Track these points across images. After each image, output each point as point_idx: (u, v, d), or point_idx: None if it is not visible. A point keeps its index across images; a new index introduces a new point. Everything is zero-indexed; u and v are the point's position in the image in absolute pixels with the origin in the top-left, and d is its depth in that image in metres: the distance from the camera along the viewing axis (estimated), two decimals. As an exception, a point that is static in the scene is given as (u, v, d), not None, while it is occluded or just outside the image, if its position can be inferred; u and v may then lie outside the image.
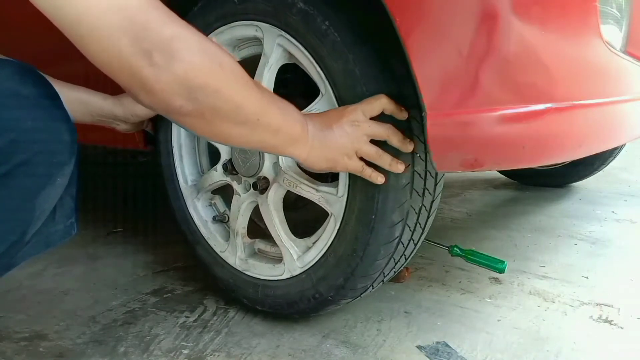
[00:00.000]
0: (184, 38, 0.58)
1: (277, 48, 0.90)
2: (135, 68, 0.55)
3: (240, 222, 1.05)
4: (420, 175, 0.84)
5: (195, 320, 1.08)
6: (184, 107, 0.60)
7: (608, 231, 1.58)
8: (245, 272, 1.05)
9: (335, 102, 0.83)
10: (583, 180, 2.09)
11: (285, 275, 0.99)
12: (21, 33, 1.31)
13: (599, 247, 1.45)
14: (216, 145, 1.07)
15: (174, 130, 1.14)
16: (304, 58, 0.85)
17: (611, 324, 1.02)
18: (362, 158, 0.79)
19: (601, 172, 1.98)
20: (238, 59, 1.01)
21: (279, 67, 0.92)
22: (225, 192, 1.12)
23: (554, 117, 0.70)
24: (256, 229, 1.10)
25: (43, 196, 0.60)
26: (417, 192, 0.85)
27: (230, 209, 1.08)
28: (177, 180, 1.15)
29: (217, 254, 1.10)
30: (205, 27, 0.98)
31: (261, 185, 0.98)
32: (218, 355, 0.94)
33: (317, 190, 0.91)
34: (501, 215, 1.79)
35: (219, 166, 1.06)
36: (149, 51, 0.55)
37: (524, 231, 1.60)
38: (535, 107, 0.68)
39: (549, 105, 0.69)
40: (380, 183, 0.81)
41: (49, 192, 0.61)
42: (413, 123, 0.80)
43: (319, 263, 0.93)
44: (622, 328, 1.01)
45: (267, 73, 0.92)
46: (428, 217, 0.92)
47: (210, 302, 1.16)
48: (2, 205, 0.57)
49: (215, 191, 1.14)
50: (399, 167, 0.79)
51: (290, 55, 0.89)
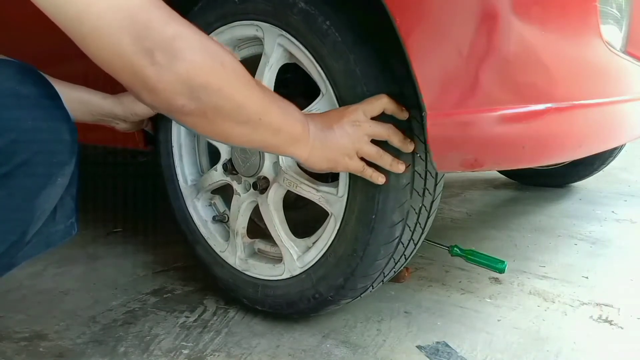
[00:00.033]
0: (186, 37, 0.57)
1: (278, 48, 0.90)
2: (137, 67, 0.55)
3: (240, 222, 1.05)
4: (420, 175, 0.84)
5: (195, 320, 1.08)
6: (186, 106, 0.60)
7: (608, 231, 1.58)
8: (245, 272, 1.05)
9: (336, 102, 0.84)
10: (583, 180, 2.09)
11: (285, 275, 0.99)
12: (21, 33, 1.31)
13: (599, 247, 1.45)
14: (216, 145, 1.07)
15: (173, 130, 1.14)
16: (305, 58, 0.86)
17: (611, 324, 1.02)
18: (362, 158, 0.80)
19: (601, 172, 1.98)
20: (239, 59, 1.01)
21: (279, 66, 0.92)
22: (225, 192, 1.12)
23: (554, 117, 0.70)
24: (256, 228, 1.10)
25: (43, 196, 0.60)
26: (418, 192, 0.85)
27: (230, 209, 1.08)
28: (177, 180, 1.15)
29: (216, 253, 1.10)
30: (206, 27, 0.98)
31: (261, 185, 0.98)
32: (218, 355, 0.94)
33: (317, 190, 0.91)
34: (501, 215, 1.79)
35: (219, 166, 1.06)
36: (150, 50, 0.54)
37: (524, 231, 1.60)
38: (535, 107, 0.68)
39: (549, 105, 0.69)
40: (381, 183, 0.81)
41: (50, 192, 0.61)
42: (413, 123, 0.80)
43: (319, 263, 0.93)
44: (622, 328, 1.01)
45: (268, 73, 0.92)
46: (428, 217, 0.92)
47: (210, 302, 1.16)
48: (3, 205, 0.57)
49: (215, 191, 1.14)
50: (399, 167, 0.79)
51: (291, 55, 0.89)
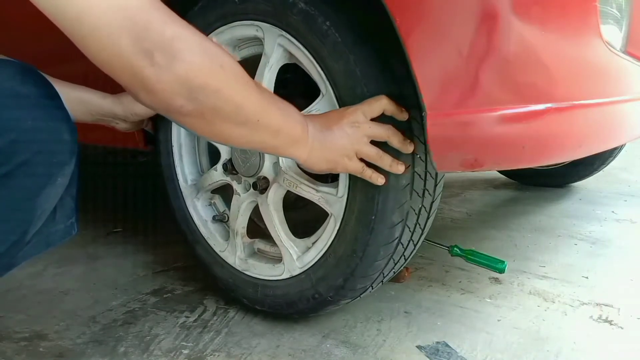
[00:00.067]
0: (185, 38, 0.58)
1: (278, 48, 0.90)
2: (137, 68, 0.55)
3: (240, 222, 1.05)
4: (420, 176, 0.84)
5: (195, 320, 1.08)
6: (185, 107, 0.60)
7: (608, 231, 1.58)
8: (245, 272, 1.05)
9: (336, 102, 0.83)
10: (583, 180, 2.09)
11: (284, 276, 0.99)
12: (21, 33, 1.31)
13: (599, 247, 1.45)
14: (216, 145, 1.07)
15: (174, 129, 1.14)
16: (305, 58, 0.85)
17: (611, 324, 1.02)
18: (362, 159, 0.80)
19: (601, 172, 1.98)
20: (238, 59, 1.01)
21: (279, 67, 0.92)
22: (225, 192, 1.12)
23: (554, 117, 0.70)
24: (256, 228, 1.10)
25: (43, 196, 0.60)
26: (417, 193, 0.85)
27: (230, 209, 1.08)
28: (177, 179, 1.15)
29: (216, 253, 1.10)
30: (206, 27, 0.98)
31: (261, 185, 0.98)
32: (218, 355, 0.94)
33: (317, 190, 0.91)
34: (501, 215, 1.79)
35: (219, 166, 1.06)
36: (150, 51, 0.55)
37: (524, 231, 1.60)
38: (535, 107, 0.68)
39: (549, 105, 0.69)
40: (380, 184, 0.81)
41: (50, 192, 0.61)
42: (413, 124, 0.80)
43: (319, 263, 0.93)
44: (622, 328, 1.01)
45: (268, 73, 0.92)
46: (428, 218, 0.92)
47: (210, 302, 1.16)
48: (3, 205, 0.57)
49: (215, 191, 1.14)
50: (399, 168, 0.79)
51: (291, 55, 0.89)
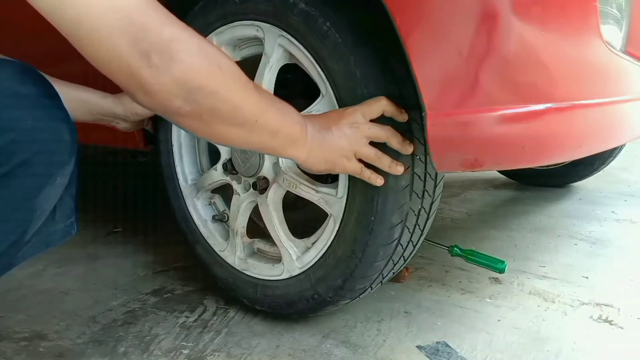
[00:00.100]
0: (183, 40, 0.58)
1: (278, 48, 0.90)
2: (134, 69, 0.55)
3: (240, 222, 1.05)
4: (419, 177, 0.84)
5: (195, 320, 1.08)
6: (182, 108, 0.60)
7: (608, 231, 1.58)
8: (245, 272, 1.05)
9: (336, 103, 0.83)
10: (583, 180, 2.09)
11: (284, 276, 0.99)
12: (21, 33, 1.31)
13: (599, 247, 1.45)
14: (216, 144, 1.07)
15: (174, 129, 1.14)
16: (305, 59, 0.85)
17: (611, 324, 1.02)
18: (361, 160, 0.79)
19: (601, 172, 1.98)
20: (239, 59, 1.01)
21: (279, 67, 0.92)
22: (225, 192, 1.12)
23: (554, 117, 0.70)
24: (255, 228, 1.10)
25: (43, 196, 0.60)
26: (417, 194, 0.85)
27: (229, 209, 1.08)
28: (177, 179, 1.15)
29: (216, 253, 1.10)
30: (206, 27, 0.98)
31: (261, 185, 0.98)
32: (218, 355, 0.94)
33: (316, 191, 0.91)
34: (501, 215, 1.79)
35: (219, 165, 1.06)
36: (147, 52, 0.55)
37: (524, 231, 1.60)
38: (535, 107, 0.68)
39: (549, 105, 0.69)
40: (379, 185, 0.80)
41: (49, 191, 0.61)
42: (413, 125, 0.80)
43: (318, 264, 0.93)
44: (622, 328, 1.01)
45: (268, 73, 0.92)
46: (427, 219, 0.92)
47: (210, 302, 1.16)
48: (2, 205, 0.57)
49: (215, 190, 1.14)
50: (398, 169, 0.79)
51: (291, 55, 0.89)
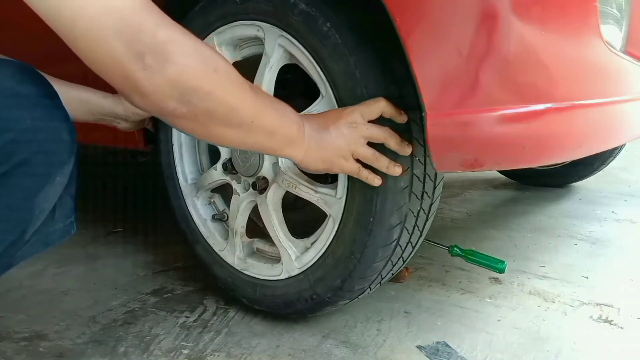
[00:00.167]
0: (178, 41, 0.57)
1: (278, 48, 0.90)
2: (129, 70, 0.55)
3: (239, 222, 1.05)
4: (419, 179, 0.84)
5: (195, 320, 1.08)
6: (178, 109, 0.60)
7: (608, 231, 1.58)
8: (244, 272, 1.05)
9: (336, 103, 0.83)
10: (583, 180, 2.09)
11: (283, 276, 0.99)
12: (21, 33, 1.31)
13: (599, 247, 1.45)
14: (215, 145, 1.07)
15: (174, 128, 1.14)
16: (305, 59, 0.85)
17: (611, 324, 1.02)
18: (359, 160, 0.79)
19: (601, 172, 1.98)
20: (239, 59, 1.01)
21: (280, 67, 0.92)
22: (225, 191, 1.12)
23: (554, 117, 0.70)
24: (255, 228, 1.10)
25: (42, 195, 0.60)
26: (416, 195, 0.85)
27: (229, 208, 1.08)
28: (177, 178, 1.15)
29: (216, 252, 1.10)
30: (206, 27, 0.98)
31: (260, 185, 0.98)
32: (218, 355, 0.94)
33: (315, 191, 0.91)
34: (501, 215, 1.79)
35: (219, 165, 1.06)
36: (142, 53, 0.54)
37: (524, 231, 1.59)
38: (535, 107, 0.68)
39: (549, 105, 0.69)
40: (376, 185, 0.80)
41: (49, 191, 0.61)
42: (412, 126, 0.80)
43: (317, 264, 0.93)
44: (622, 328, 1.01)
45: (268, 73, 0.92)
46: (426, 220, 0.92)
47: (210, 302, 1.16)
48: (2, 204, 0.57)
49: (214, 190, 1.14)
50: (396, 170, 0.79)
51: (291, 55, 0.89)
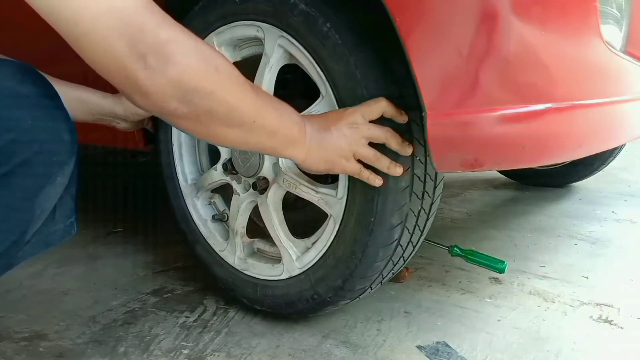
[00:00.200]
0: (180, 41, 0.58)
1: (278, 49, 0.90)
2: (130, 70, 0.55)
3: (240, 222, 1.05)
4: (419, 178, 0.84)
5: (195, 320, 1.08)
6: (179, 109, 0.60)
7: (608, 231, 1.58)
8: (244, 272, 1.05)
9: (336, 104, 0.83)
10: (583, 180, 2.09)
11: (284, 276, 0.99)
12: (21, 33, 1.31)
13: (599, 247, 1.45)
14: (215, 145, 1.07)
15: (174, 128, 1.14)
16: (305, 59, 0.85)
17: (611, 324, 1.02)
18: (360, 160, 0.79)
19: (601, 172, 1.98)
20: (239, 59, 1.01)
21: (279, 67, 0.92)
22: (225, 191, 1.12)
23: (554, 117, 0.70)
24: (255, 228, 1.10)
25: (43, 196, 0.60)
26: (417, 195, 0.85)
27: (229, 208, 1.08)
28: (177, 178, 1.15)
29: (216, 253, 1.10)
30: (206, 27, 0.98)
31: (261, 186, 0.98)
32: (218, 355, 0.94)
33: (316, 191, 0.91)
34: (501, 215, 1.79)
35: (219, 165, 1.06)
36: (143, 54, 0.55)
37: (524, 231, 1.60)
38: (535, 107, 0.68)
39: (549, 105, 0.69)
40: (378, 185, 0.80)
41: (49, 191, 0.61)
42: (413, 126, 0.80)
43: (318, 264, 0.93)
44: (622, 328, 1.01)
45: (268, 73, 0.92)
46: (427, 220, 0.92)
47: (210, 302, 1.16)
48: (2, 204, 0.57)
49: (214, 190, 1.14)
50: (397, 170, 0.79)
51: (291, 56, 0.89)
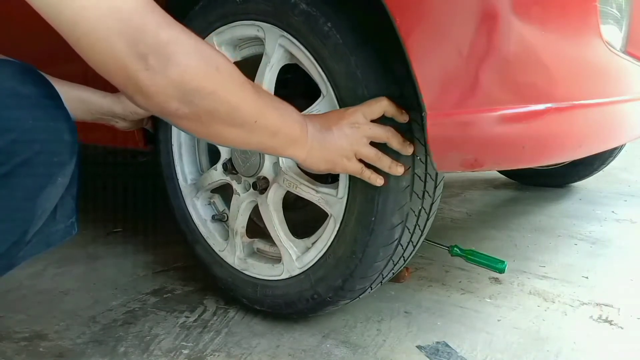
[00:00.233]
0: (181, 42, 0.58)
1: (279, 48, 0.90)
2: (131, 71, 0.55)
3: (240, 222, 1.05)
4: (420, 178, 0.84)
5: (195, 320, 1.08)
6: (180, 110, 0.60)
7: (608, 231, 1.58)
8: (244, 272, 1.05)
9: (337, 103, 0.83)
10: (583, 180, 2.09)
11: (284, 276, 0.99)
12: (21, 33, 1.31)
13: (599, 247, 1.45)
14: (216, 145, 1.07)
15: (174, 128, 1.14)
16: (306, 59, 0.85)
17: (611, 324, 1.02)
18: (361, 160, 0.79)
19: (601, 172, 1.98)
20: (239, 59, 1.01)
21: (280, 67, 0.92)
22: (225, 191, 1.12)
23: (554, 117, 0.70)
24: (255, 228, 1.10)
25: (44, 196, 0.60)
26: (417, 195, 0.85)
27: (229, 208, 1.08)
28: (177, 178, 1.15)
29: (216, 253, 1.10)
30: (206, 27, 0.98)
31: (261, 185, 0.98)
32: (218, 355, 0.94)
33: (317, 191, 0.91)
34: (501, 215, 1.79)
35: (219, 165, 1.06)
36: (144, 54, 0.55)
37: (524, 231, 1.60)
38: (535, 107, 0.68)
39: (549, 105, 0.69)
40: (379, 185, 0.81)
41: (50, 191, 0.61)
42: (413, 125, 0.80)
43: (318, 264, 0.93)
44: (622, 328, 1.01)
45: (269, 73, 0.92)
46: (427, 220, 0.92)
47: (210, 302, 1.16)
48: (3, 205, 0.57)
49: (214, 190, 1.14)
50: (398, 170, 0.79)
51: (292, 55, 0.89)
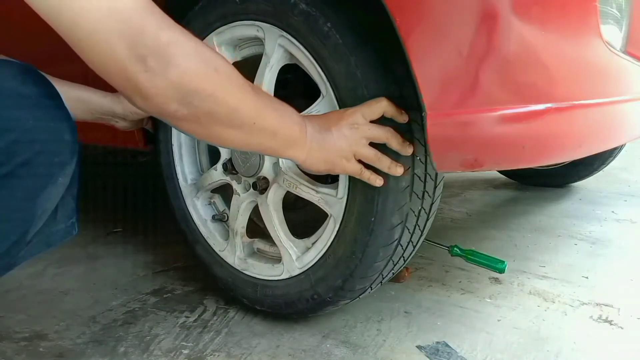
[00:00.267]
0: (180, 44, 0.58)
1: (279, 48, 0.90)
2: (131, 73, 0.55)
3: (240, 222, 1.05)
4: (420, 178, 0.84)
5: (195, 320, 1.08)
6: (179, 111, 0.60)
7: (608, 231, 1.58)
8: (244, 272, 1.05)
9: (336, 103, 0.83)
10: (583, 180, 2.09)
11: (284, 276, 0.99)
12: (21, 33, 1.31)
13: (599, 247, 1.45)
14: (216, 146, 1.07)
15: (174, 128, 1.14)
16: (305, 59, 0.85)
17: (611, 324, 1.02)
18: (361, 160, 0.80)
19: (601, 172, 1.98)
20: (239, 59, 1.01)
21: (280, 67, 0.92)
22: (225, 191, 1.12)
23: (554, 117, 0.70)
24: (255, 228, 1.10)
25: (44, 196, 0.60)
26: (417, 195, 0.85)
27: (229, 208, 1.08)
28: (177, 178, 1.15)
29: (216, 253, 1.10)
30: (206, 27, 0.98)
31: (261, 186, 0.98)
32: (218, 355, 0.94)
33: (316, 191, 0.91)
34: (501, 215, 1.79)
35: (219, 165, 1.06)
36: (144, 56, 0.55)
37: (524, 231, 1.60)
38: (535, 107, 0.68)
39: (549, 105, 0.69)
40: (379, 185, 0.81)
41: (51, 191, 0.61)
42: (413, 126, 0.80)
43: (318, 264, 0.93)
44: (622, 328, 1.01)
45: (268, 73, 0.92)
46: (427, 220, 0.92)
47: (210, 302, 1.16)
48: (4, 205, 0.57)
49: (214, 190, 1.14)
50: (397, 170, 0.79)
51: (292, 56, 0.89)
